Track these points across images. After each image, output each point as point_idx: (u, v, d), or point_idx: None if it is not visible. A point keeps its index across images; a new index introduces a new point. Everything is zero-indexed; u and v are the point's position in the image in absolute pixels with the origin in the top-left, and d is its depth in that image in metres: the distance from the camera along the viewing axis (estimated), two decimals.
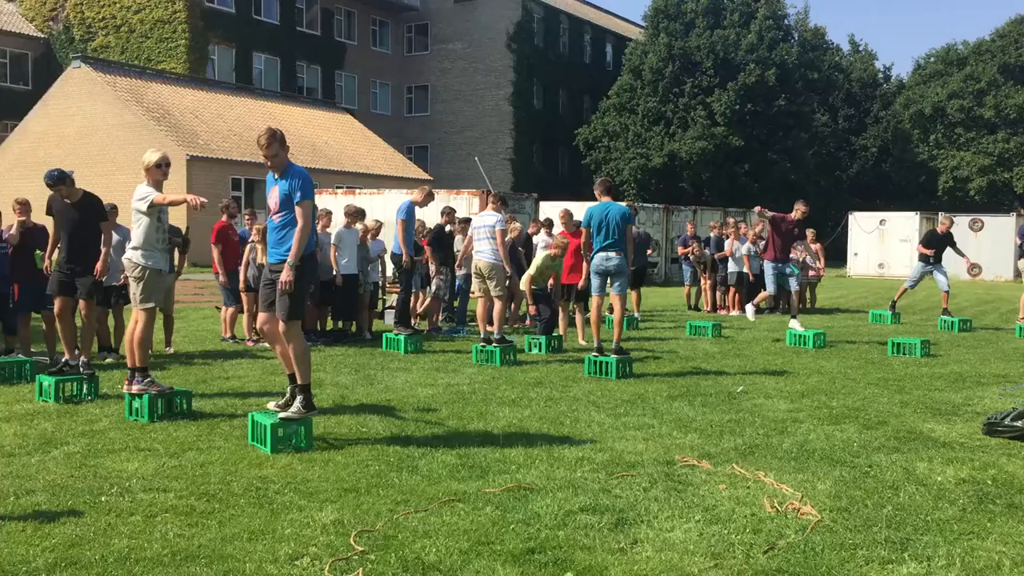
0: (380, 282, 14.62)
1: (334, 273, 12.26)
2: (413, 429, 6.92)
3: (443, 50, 48.22)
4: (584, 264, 11.11)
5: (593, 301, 10.48)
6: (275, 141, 6.59)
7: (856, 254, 34.41)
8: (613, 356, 9.74)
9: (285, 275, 6.41)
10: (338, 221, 12.89)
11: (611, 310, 10.98)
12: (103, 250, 8.56)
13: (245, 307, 12.00)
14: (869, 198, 47.35)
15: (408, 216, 12.07)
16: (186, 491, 5.21)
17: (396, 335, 11.61)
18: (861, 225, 34.28)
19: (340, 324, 13.09)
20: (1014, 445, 6.69)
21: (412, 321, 13.11)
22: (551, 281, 12.40)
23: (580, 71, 51.82)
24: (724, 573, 4.12)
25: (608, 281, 10.26)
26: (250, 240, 11.97)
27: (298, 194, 6.55)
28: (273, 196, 6.67)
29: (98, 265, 8.46)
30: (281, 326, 6.62)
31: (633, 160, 42.72)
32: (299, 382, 6.62)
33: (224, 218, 12.26)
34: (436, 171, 44.86)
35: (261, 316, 6.88)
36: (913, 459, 6.23)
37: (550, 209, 22.96)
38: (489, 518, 4.81)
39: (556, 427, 7.09)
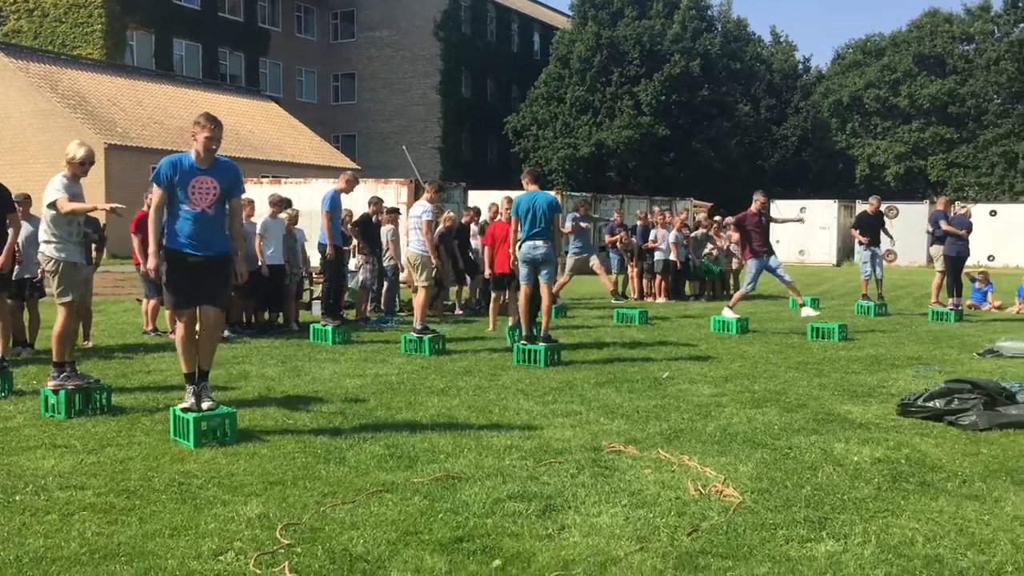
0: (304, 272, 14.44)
1: (260, 264, 12.07)
2: (341, 420, 6.87)
3: (370, 37, 47.72)
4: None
5: (522, 290, 10.53)
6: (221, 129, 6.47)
7: (778, 241, 35.04)
8: (542, 344, 9.80)
9: (244, 269, 6.76)
10: (262, 211, 12.68)
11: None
12: (8, 242, 8.27)
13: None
14: (790, 186, 48.34)
15: (333, 206, 11.92)
16: (105, 488, 5.08)
17: (323, 326, 11.49)
18: (782, 213, 35.01)
19: (266, 315, 12.90)
20: (927, 425, 6.94)
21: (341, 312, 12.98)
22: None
23: (508, 60, 51.82)
24: (649, 556, 4.19)
25: (536, 269, 10.30)
26: None
27: (240, 188, 6.63)
28: (206, 187, 6.37)
29: (0, 258, 8.17)
30: (217, 317, 6.55)
31: (561, 149, 42.99)
32: (204, 367, 6.54)
33: (145, 207, 11.95)
34: (364, 160, 44.42)
35: (189, 312, 6.49)
36: (831, 440, 6.41)
37: (479, 198, 22.94)
38: (417, 508, 4.80)
39: (485, 416, 7.11)
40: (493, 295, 13.03)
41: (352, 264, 14.50)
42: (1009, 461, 5.90)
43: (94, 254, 10.85)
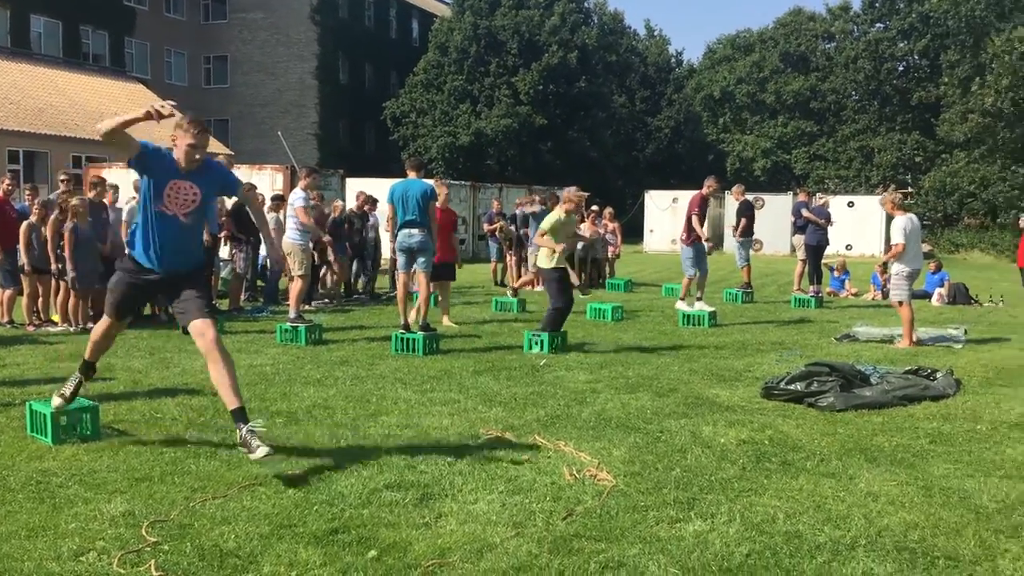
0: None
1: (126, 252, 11.59)
2: (212, 413, 6.67)
3: (243, 19, 46.33)
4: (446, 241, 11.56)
5: (399, 278, 10.50)
6: (209, 134, 5.66)
7: (652, 231, 36.05)
8: (420, 333, 9.78)
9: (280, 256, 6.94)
10: (128, 196, 12.19)
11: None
12: None
13: (26, 289, 11.16)
14: (663, 177, 49.69)
15: None
16: None
17: None
18: (656, 203, 35.93)
19: None
20: (788, 407, 7.26)
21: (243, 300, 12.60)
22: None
23: (387, 46, 51.25)
24: (525, 541, 4.24)
25: (413, 258, 10.29)
26: (30, 218, 11.13)
27: (234, 185, 5.90)
28: (185, 192, 5.47)
29: None
30: (213, 331, 5.42)
31: (441, 138, 42.88)
32: (233, 405, 5.38)
33: (0, 193, 11.32)
34: (237, 146, 43.15)
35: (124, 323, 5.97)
36: (700, 423, 6.63)
37: (357, 186, 22.66)
38: (291, 500, 4.73)
39: (362, 405, 7.05)
40: (434, 285, 12.07)
41: (224, 253, 14.13)
42: (863, 440, 6.24)
43: None
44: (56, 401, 5.78)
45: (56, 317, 11.33)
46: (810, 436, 6.32)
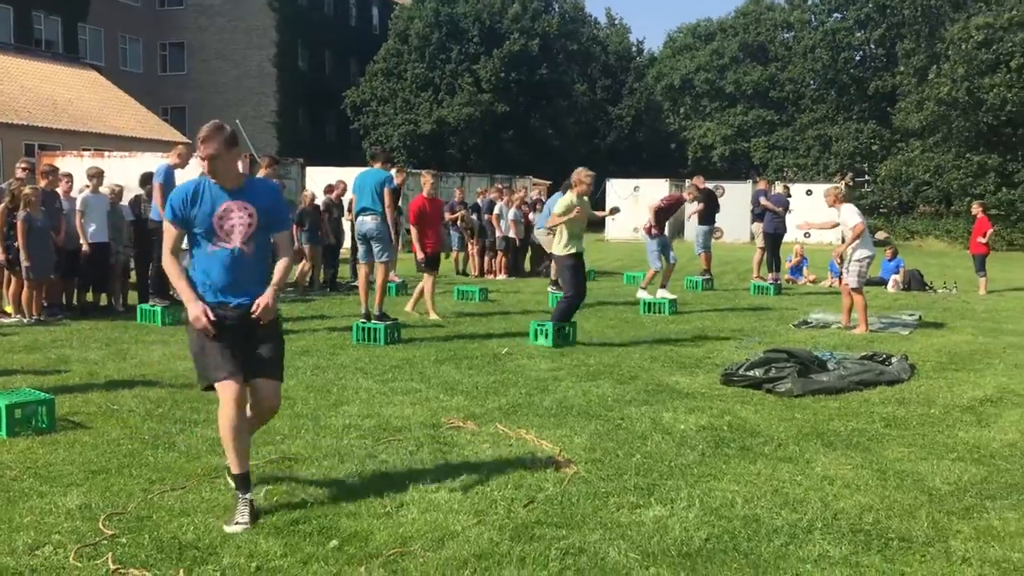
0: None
1: (81, 242, 11.42)
2: (170, 405, 6.61)
3: (200, 5, 45.61)
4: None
5: (360, 268, 10.46)
6: (218, 136, 4.46)
7: (613, 219, 36.14)
8: (380, 323, 9.75)
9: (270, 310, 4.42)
10: (81, 186, 11.98)
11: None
12: None
13: None
14: (625, 165, 49.79)
15: (166, 180, 11.39)
16: None
17: (152, 306, 11.01)
18: (617, 191, 36.04)
19: (89, 296, 12.23)
20: (747, 393, 7.34)
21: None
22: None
23: (347, 34, 50.77)
24: (486, 529, 4.26)
25: (370, 246, 10.28)
26: None
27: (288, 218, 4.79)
28: (236, 218, 4.45)
29: None
30: (275, 391, 4.54)
31: (402, 126, 42.64)
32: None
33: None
34: (195, 134, 42.50)
35: (239, 384, 4.36)
36: (660, 410, 6.69)
37: (318, 174, 22.49)
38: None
39: (323, 395, 7.01)
40: (427, 277, 11.60)
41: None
42: (820, 424, 6.34)
43: None
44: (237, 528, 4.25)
45: (9, 308, 11.12)
46: (768, 421, 6.41)
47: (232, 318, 4.39)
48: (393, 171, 11.06)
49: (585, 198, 9.80)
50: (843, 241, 11.05)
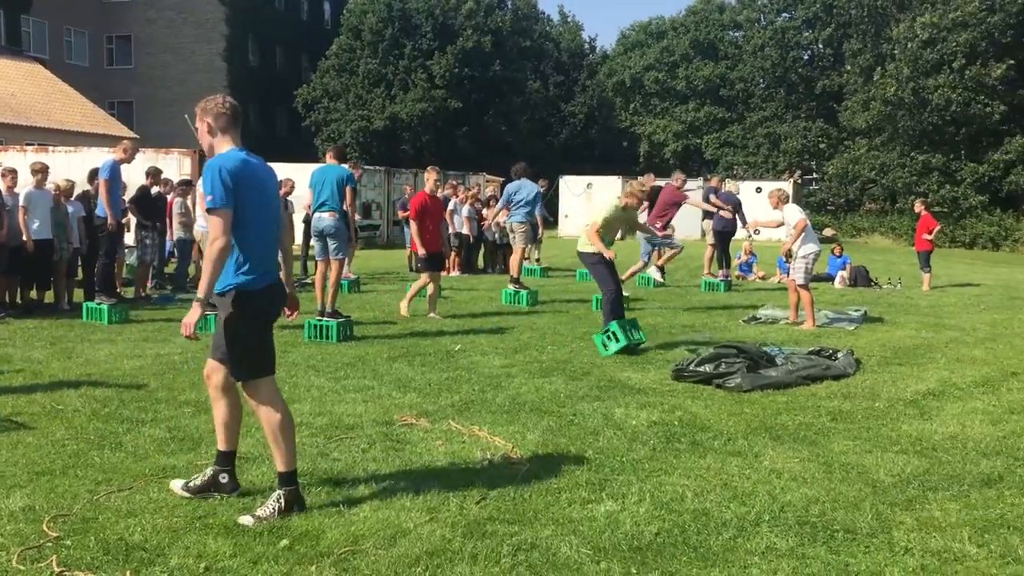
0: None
1: (24, 239, 11.17)
2: (117, 404, 6.50)
3: None
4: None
5: (318, 265, 10.39)
6: (199, 112, 4.50)
7: (567, 216, 36.29)
8: (332, 320, 9.69)
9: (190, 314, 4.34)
10: (25, 181, 11.72)
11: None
12: None
13: None
14: (578, 162, 49.99)
15: (112, 175, 11.21)
16: None
17: (98, 304, 10.81)
18: (571, 188, 36.18)
19: (33, 294, 11.97)
20: (698, 388, 7.43)
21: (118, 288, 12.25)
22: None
23: (298, 28, 50.27)
24: (439, 526, 4.26)
25: (326, 243, 10.20)
26: None
27: (207, 197, 4.33)
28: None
29: None
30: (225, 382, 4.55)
31: (355, 122, 42.35)
32: (280, 468, 4.42)
33: None
34: (143, 129, 41.80)
35: (208, 363, 4.62)
36: (612, 406, 6.74)
37: None
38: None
39: None
40: (424, 276, 11.40)
41: (129, 239, 13.74)
42: (768, 419, 6.44)
43: None
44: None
45: None
46: (718, 416, 6.49)
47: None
48: (348, 166, 11.00)
49: (632, 211, 9.58)
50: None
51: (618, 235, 9.70)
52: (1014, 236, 33.79)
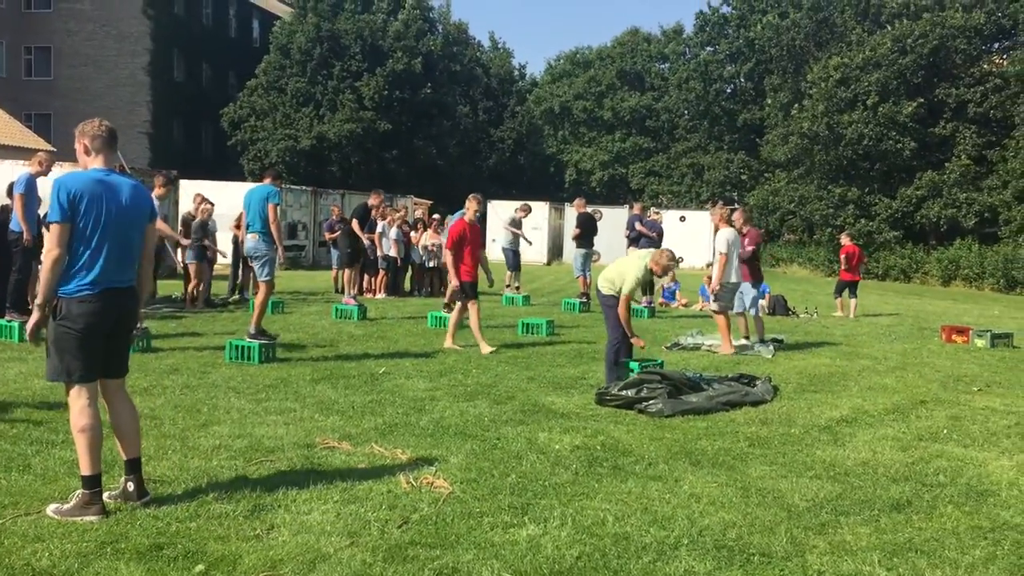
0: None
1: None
2: (26, 425, 6.28)
3: (69, 9, 43.77)
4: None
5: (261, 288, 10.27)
6: (77, 133, 4.74)
7: (494, 240, 36.37)
8: (255, 341, 9.55)
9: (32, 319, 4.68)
10: None
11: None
12: None
13: None
14: (507, 187, 50.31)
15: (28, 189, 10.90)
16: None
17: (9, 321, 10.46)
18: (499, 213, 36.30)
19: None
20: (620, 413, 7.51)
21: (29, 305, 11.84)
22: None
23: (225, 45, 49.62)
24: (359, 551, 4.22)
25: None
26: None
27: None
28: None
29: None
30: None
31: (281, 141, 41.97)
32: (80, 471, 4.60)
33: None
34: (62, 142, 40.51)
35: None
36: (536, 430, 6.77)
37: (193, 188, 21.84)
38: (113, 516, 4.52)
39: (192, 415, 6.80)
40: (457, 306, 11.17)
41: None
42: (688, 444, 6.54)
43: None
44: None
45: None
46: (639, 441, 6.57)
47: None
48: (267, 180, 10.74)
49: (657, 275, 9.38)
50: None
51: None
52: (924, 268, 35.03)
